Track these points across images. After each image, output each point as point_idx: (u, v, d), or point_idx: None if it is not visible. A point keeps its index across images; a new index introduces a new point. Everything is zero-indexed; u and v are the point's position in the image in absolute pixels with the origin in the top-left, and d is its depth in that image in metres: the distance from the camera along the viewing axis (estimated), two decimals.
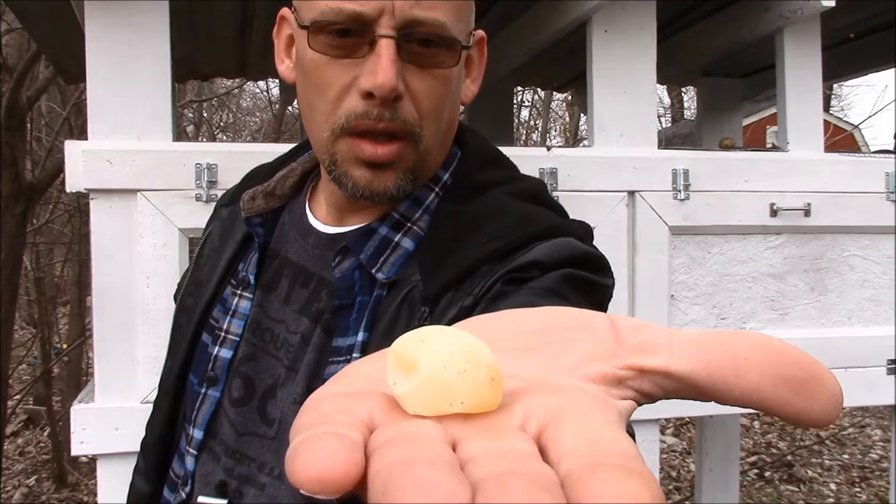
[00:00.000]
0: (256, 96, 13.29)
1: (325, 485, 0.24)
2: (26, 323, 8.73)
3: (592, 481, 0.22)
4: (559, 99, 11.90)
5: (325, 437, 0.25)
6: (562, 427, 0.26)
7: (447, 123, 0.74)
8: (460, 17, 0.70)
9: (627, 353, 0.30)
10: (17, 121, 4.39)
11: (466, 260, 0.67)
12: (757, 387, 0.28)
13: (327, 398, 0.28)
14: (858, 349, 2.01)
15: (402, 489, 0.22)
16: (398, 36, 0.66)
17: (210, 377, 0.78)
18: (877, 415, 6.97)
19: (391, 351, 0.29)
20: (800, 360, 0.28)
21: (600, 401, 0.29)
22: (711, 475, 2.96)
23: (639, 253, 1.88)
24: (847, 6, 2.26)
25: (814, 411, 0.28)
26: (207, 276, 0.84)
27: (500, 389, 0.28)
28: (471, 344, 0.28)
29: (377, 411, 0.28)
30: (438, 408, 0.28)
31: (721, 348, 0.29)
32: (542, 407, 0.27)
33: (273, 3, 2.19)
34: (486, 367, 0.28)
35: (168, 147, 1.65)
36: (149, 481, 0.85)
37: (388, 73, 0.65)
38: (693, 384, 0.29)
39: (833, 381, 0.28)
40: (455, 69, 0.71)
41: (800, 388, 0.28)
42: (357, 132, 0.68)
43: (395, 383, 0.28)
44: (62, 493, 6.25)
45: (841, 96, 14.64)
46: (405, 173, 0.71)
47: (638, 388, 0.30)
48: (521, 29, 2.28)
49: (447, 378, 0.27)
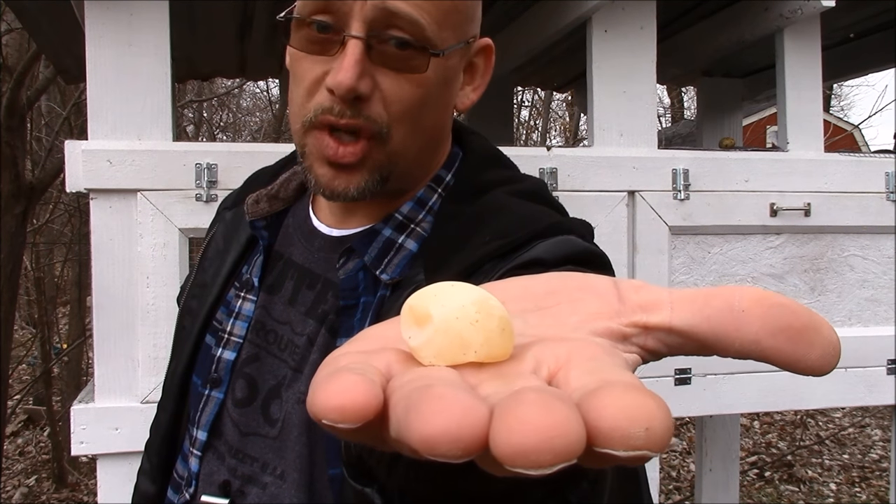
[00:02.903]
0: (256, 96, 13.32)
1: (346, 413, 0.24)
2: (26, 323, 8.73)
3: (602, 395, 0.23)
4: (559, 99, 11.92)
5: (345, 373, 0.25)
6: (571, 370, 0.27)
7: (430, 128, 0.73)
8: (444, 22, 0.69)
9: (631, 312, 0.32)
10: (17, 121, 4.39)
11: (469, 258, 0.67)
12: (756, 338, 0.29)
13: (344, 355, 0.29)
14: (858, 349, 2.01)
15: (423, 402, 0.23)
16: (368, 37, 0.66)
17: (213, 379, 0.78)
18: (877, 415, 6.98)
19: (405, 306, 0.30)
20: (796, 310, 0.29)
21: (608, 349, 0.30)
22: (711, 475, 2.96)
23: (639, 253, 1.88)
24: (847, 6, 2.26)
25: (811, 359, 0.29)
26: (212, 279, 0.84)
27: (511, 339, 0.29)
28: (482, 296, 0.29)
29: (394, 363, 0.29)
30: (453, 357, 0.29)
31: (720, 302, 0.30)
32: (553, 355, 0.28)
33: (273, 2, 2.19)
34: (498, 318, 0.29)
35: (168, 147, 1.65)
36: (154, 482, 0.85)
37: (348, 72, 0.65)
38: (695, 338, 0.30)
39: (829, 329, 0.29)
40: (435, 74, 0.70)
41: (797, 337, 0.29)
42: (323, 126, 0.69)
43: (410, 336, 0.29)
44: (62, 493, 6.26)
45: (841, 96, 14.66)
46: (371, 174, 0.70)
47: (643, 344, 0.31)
48: (521, 29, 2.28)
49: (460, 328, 0.29)
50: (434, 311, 0.29)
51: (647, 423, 0.23)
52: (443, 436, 0.22)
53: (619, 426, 0.23)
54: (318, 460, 0.69)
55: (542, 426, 0.22)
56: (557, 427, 0.22)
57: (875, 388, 2.03)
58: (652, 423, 0.23)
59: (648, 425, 0.23)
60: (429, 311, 0.29)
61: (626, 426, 0.23)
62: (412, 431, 0.23)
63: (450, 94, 0.75)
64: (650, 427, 0.23)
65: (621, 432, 0.23)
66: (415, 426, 0.23)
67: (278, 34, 0.80)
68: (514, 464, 0.22)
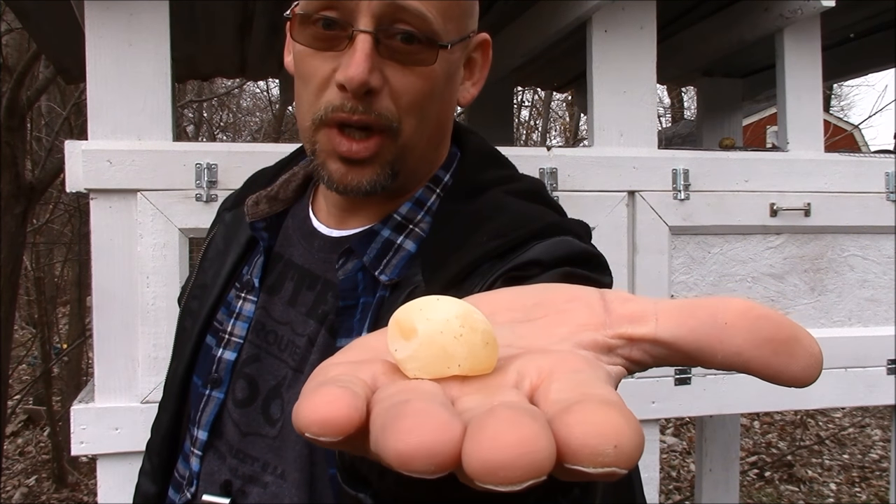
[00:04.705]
0: (256, 96, 13.31)
1: (328, 427, 0.25)
2: (26, 323, 8.73)
3: (574, 412, 0.24)
4: (559, 99, 11.91)
5: (329, 387, 0.26)
6: (553, 383, 0.27)
7: (435, 121, 0.74)
8: (449, 16, 0.70)
9: (617, 323, 0.32)
10: (17, 121, 4.39)
11: (467, 259, 0.67)
12: (739, 349, 0.29)
13: (333, 365, 0.30)
14: (858, 349, 2.01)
15: (398, 419, 0.24)
16: (376, 31, 0.67)
17: (214, 379, 0.78)
18: (877, 415, 6.97)
19: (392, 319, 0.31)
20: (779, 322, 0.29)
21: (591, 362, 0.30)
22: (711, 475, 2.96)
23: (639, 253, 1.88)
24: (847, 6, 2.26)
25: (794, 370, 0.29)
26: (212, 280, 0.85)
27: (495, 353, 0.30)
28: (466, 310, 0.30)
29: (379, 375, 0.29)
30: (437, 370, 0.29)
31: (705, 314, 0.30)
32: (536, 368, 0.29)
33: (273, 2, 2.19)
34: (482, 332, 0.30)
35: (168, 147, 1.65)
36: (155, 482, 0.86)
37: (359, 67, 0.66)
38: (679, 350, 0.31)
39: (811, 341, 0.30)
40: (440, 67, 0.71)
41: (780, 349, 0.29)
42: (335, 123, 0.69)
43: (396, 349, 0.30)
44: (62, 493, 6.26)
45: (841, 96, 14.66)
46: (383, 168, 0.71)
47: (627, 355, 0.32)
48: (521, 29, 2.28)
49: (444, 342, 0.29)
50: (419, 325, 0.30)
51: (616, 441, 0.23)
52: (416, 452, 0.23)
53: (588, 443, 0.23)
54: (319, 460, 0.69)
55: (511, 443, 0.22)
56: (527, 444, 0.22)
57: (875, 388, 2.03)
58: (621, 440, 0.23)
59: (617, 443, 0.23)
60: (414, 325, 0.30)
61: (594, 443, 0.23)
62: (388, 448, 0.23)
63: (453, 89, 0.76)
64: (619, 444, 0.23)
65: (590, 449, 0.23)
66: (390, 442, 0.23)
67: (279, 33, 0.80)
68: (485, 480, 0.22)
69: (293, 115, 9.30)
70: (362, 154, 0.69)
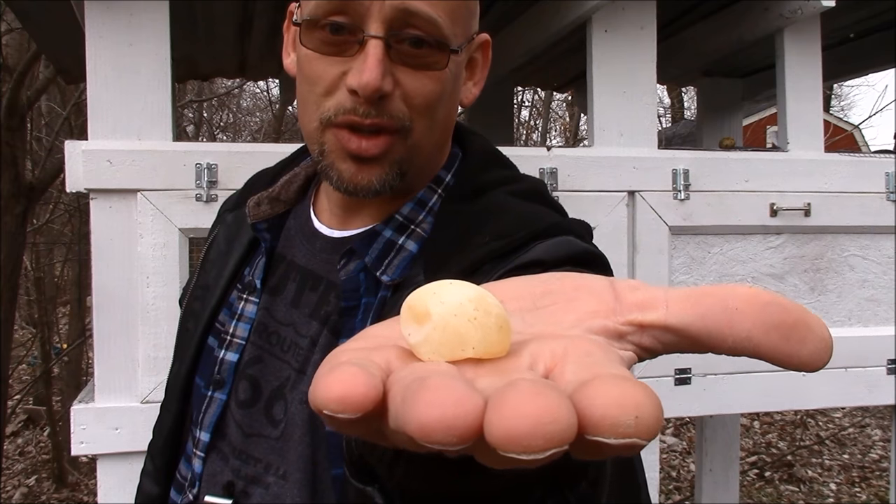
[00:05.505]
0: (256, 96, 13.31)
1: (346, 404, 0.25)
2: (26, 323, 8.72)
3: (594, 385, 0.24)
4: (559, 99, 11.91)
5: (346, 366, 0.26)
6: (567, 365, 0.28)
7: (443, 122, 0.74)
8: (456, 19, 0.70)
9: (627, 310, 0.32)
10: (17, 121, 4.39)
11: (468, 259, 0.67)
12: (749, 335, 0.30)
13: (346, 352, 0.30)
14: (858, 349, 2.01)
15: (420, 391, 0.24)
16: (387, 36, 0.67)
17: (216, 380, 0.78)
18: (877, 415, 6.98)
19: (405, 304, 0.31)
20: (788, 307, 0.30)
21: (604, 346, 0.30)
22: (711, 475, 2.96)
23: (639, 253, 1.88)
24: (847, 6, 2.26)
25: (803, 354, 0.29)
26: (214, 281, 0.84)
27: (508, 336, 0.30)
28: (480, 294, 0.30)
29: (393, 359, 0.29)
30: (451, 353, 0.29)
31: (714, 301, 0.31)
32: (549, 351, 0.29)
33: (273, 2, 2.19)
34: (496, 316, 0.30)
35: (168, 147, 1.65)
36: (157, 483, 0.86)
37: (373, 72, 0.65)
38: (689, 336, 0.31)
39: (821, 326, 0.30)
40: (449, 69, 0.71)
41: (789, 333, 0.29)
42: (344, 125, 0.69)
43: (410, 334, 0.30)
44: (62, 493, 6.26)
45: (841, 96, 14.66)
46: (392, 167, 0.71)
47: (638, 342, 0.32)
48: (521, 29, 2.28)
49: (458, 325, 0.29)
50: (433, 309, 0.30)
51: (637, 412, 0.23)
52: (438, 423, 0.23)
53: (609, 414, 0.23)
54: (321, 461, 0.69)
55: (534, 412, 0.23)
56: (549, 413, 0.23)
57: (875, 388, 2.03)
58: (641, 411, 0.23)
59: (638, 413, 0.23)
60: (428, 309, 0.30)
61: (615, 414, 0.23)
62: (409, 420, 0.24)
63: (458, 89, 0.76)
64: (640, 415, 0.23)
65: (611, 420, 0.23)
66: (412, 414, 0.24)
67: (279, 33, 0.80)
68: (507, 448, 0.23)
69: (293, 115, 9.30)
70: (372, 151, 0.69)
